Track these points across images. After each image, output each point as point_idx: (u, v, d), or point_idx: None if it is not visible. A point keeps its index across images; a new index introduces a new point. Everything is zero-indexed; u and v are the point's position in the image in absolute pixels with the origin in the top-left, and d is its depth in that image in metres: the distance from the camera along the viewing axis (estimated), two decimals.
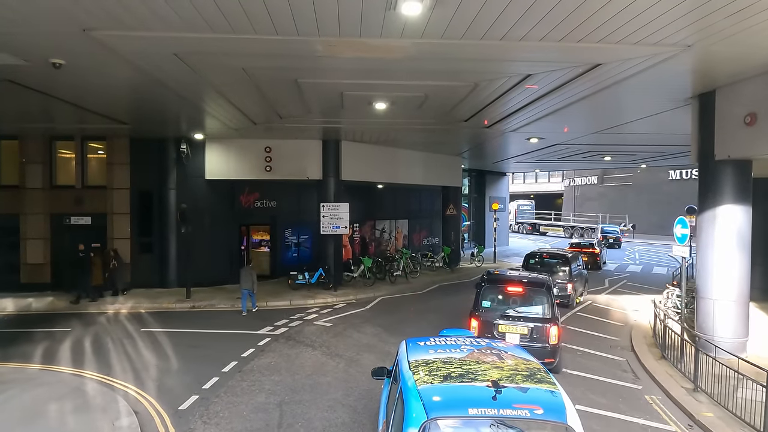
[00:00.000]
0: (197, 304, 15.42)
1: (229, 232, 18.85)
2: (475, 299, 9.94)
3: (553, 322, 9.32)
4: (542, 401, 3.92)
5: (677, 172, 46.00)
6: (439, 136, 17.51)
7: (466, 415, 3.81)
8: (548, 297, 9.65)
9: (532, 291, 9.78)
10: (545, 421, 3.81)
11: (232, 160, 17.97)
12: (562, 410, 3.86)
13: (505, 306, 9.74)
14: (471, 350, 4.96)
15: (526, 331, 9.28)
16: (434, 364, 4.57)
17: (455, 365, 4.52)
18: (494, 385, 4.03)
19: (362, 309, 15.12)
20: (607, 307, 16.30)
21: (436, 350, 4.98)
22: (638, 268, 25.97)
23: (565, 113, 13.06)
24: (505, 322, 9.44)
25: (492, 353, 4.91)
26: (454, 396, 4.00)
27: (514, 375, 4.33)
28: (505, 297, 9.84)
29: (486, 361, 4.67)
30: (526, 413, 3.77)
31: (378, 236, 25.33)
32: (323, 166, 18.30)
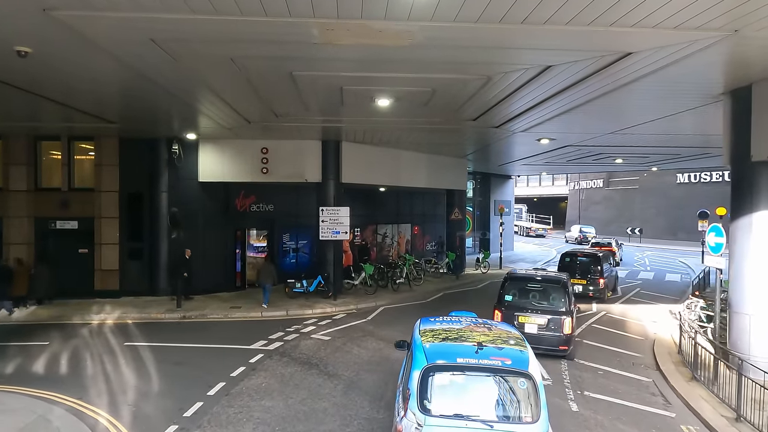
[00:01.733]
0: (188, 315, 14.49)
1: (223, 237, 17.94)
2: (499, 294, 11.46)
3: (568, 315, 10.56)
4: (512, 356, 5.41)
5: (685, 175, 45.05)
6: (445, 136, 16.61)
7: (454, 363, 5.34)
8: (564, 293, 10.97)
9: (549, 287, 11.21)
10: (512, 369, 5.27)
11: (226, 161, 17.08)
12: (525, 363, 5.36)
13: (525, 300, 11.18)
14: (468, 324, 6.56)
15: (543, 322, 10.65)
16: (438, 331, 6.20)
17: (453, 332, 6.14)
18: (478, 345, 5.55)
19: (363, 320, 14.19)
20: (623, 318, 15.34)
21: (442, 323, 6.66)
22: (650, 275, 24.99)
23: (581, 111, 12.16)
24: (524, 314, 10.80)
25: (484, 326, 6.48)
26: (448, 350, 5.57)
27: (495, 339, 5.88)
28: (525, 292, 11.30)
29: (477, 330, 6.23)
30: (499, 363, 5.28)
31: (380, 241, 24.41)
32: (323, 168, 17.40)
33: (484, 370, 5.32)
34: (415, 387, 5.24)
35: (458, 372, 5.36)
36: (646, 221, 47.91)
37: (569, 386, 9.26)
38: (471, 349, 5.49)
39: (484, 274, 23.76)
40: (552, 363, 10.54)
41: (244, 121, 13.79)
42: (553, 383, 9.39)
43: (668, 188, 46.70)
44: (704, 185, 43.87)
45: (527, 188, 71.24)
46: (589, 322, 14.53)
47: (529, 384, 5.21)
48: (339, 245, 17.65)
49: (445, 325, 6.50)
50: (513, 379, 5.29)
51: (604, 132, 15.31)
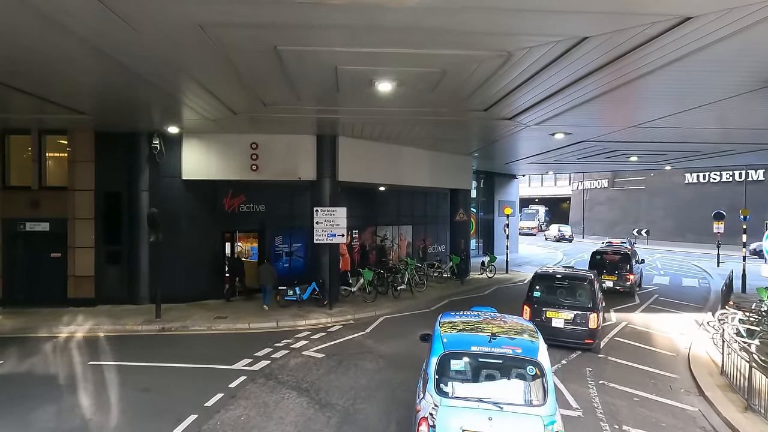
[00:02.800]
0: (167, 326, 13.07)
1: (210, 240, 16.52)
2: (528, 291, 12.16)
3: (594, 311, 11.12)
4: (523, 345, 5.85)
5: (694, 175, 43.74)
6: (451, 130, 15.20)
7: (468, 350, 5.87)
8: (590, 290, 11.56)
9: (576, 284, 11.77)
10: (522, 357, 5.71)
11: (212, 157, 15.66)
12: (535, 351, 5.79)
13: (553, 296, 11.73)
14: (485, 317, 6.90)
15: (570, 317, 11.22)
16: (456, 323, 6.61)
17: (470, 324, 6.52)
18: (492, 335, 5.99)
19: (361, 333, 12.78)
20: (647, 329, 13.94)
21: (461, 317, 6.99)
22: (665, 279, 23.61)
23: (608, 100, 10.78)
24: (552, 310, 11.43)
25: (500, 320, 6.85)
26: (463, 339, 6.06)
27: (509, 331, 6.25)
28: (554, 289, 11.86)
29: (493, 323, 6.58)
30: (510, 351, 5.77)
31: (380, 244, 23.00)
32: (318, 165, 16.00)
33: (496, 357, 5.79)
34: (432, 371, 5.76)
35: (472, 359, 5.86)
36: (653, 222, 46.57)
37: (604, 419, 7.85)
38: (485, 339, 5.96)
39: (490, 278, 22.37)
40: (579, 387, 9.16)
41: (229, 112, 12.39)
42: (584, 413, 8.00)
43: (676, 188, 45.38)
44: (714, 185, 42.54)
45: (529, 188, 69.88)
46: (611, 334, 13.13)
47: (537, 370, 5.63)
48: (335, 249, 16.25)
49: (464, 318, 6.94)
50: (523, 365, 5.70)
51: (628, 125, 13.92)
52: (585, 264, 20.99)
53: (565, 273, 12.34)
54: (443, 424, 5.34)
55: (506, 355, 5.74)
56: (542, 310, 11.46)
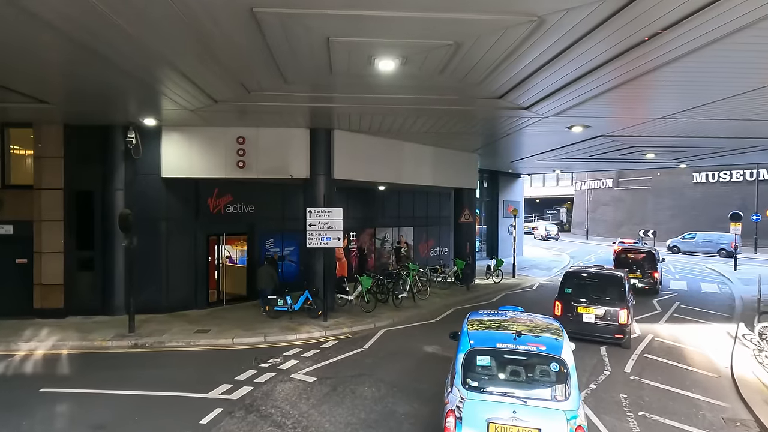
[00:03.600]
0: (141, 342, 11.61)
1: (193, 244, 15.04)
2: (560, 286, 12.58)
3: (624, 307, 11.48)
4: (547, 343, 6.02)
5: (702, 174, 42.44)
6: (459, 122, 13.76)
7: (494, 347, 6.04)
8: (620, 287, 11.93)
9: (607, 282, 12.17)
10: (545, 354, 5.88)
11: (195, 153, 14.19)
12: (559, 349, 5.93)
13: (584, 293, 12.09)
14: (512, 316, 7.18)
15: (600, 313, 11.62)
16: (483, 321, 6.88)
17: (496, 323, 6.78)
18: (517, 333, 6.17)
19: (359, 350, 11.33)
20: (677, 343, 12.52)
21: (488, 316, 7.27)
22: (682, 284, 22.21)
23: (641, 85, 9.39)
24: (583, 306, 11.83)
25: (526, 318, 7.12)
26: (489, 336, 6.25)
27: (534, 329, 6.44)
28: (585, 286, 12.25)
29: (519, 321, 6.85)
30: (534, 348, 5.93)
31: (379, 247, 21.57)
32: (311, 161, 14.55)
33: (521, 354, 5.93)
34: (459, 367, 5.97)
35: (497, 355, 6.00)
36: (660, 223, 45.20)
37: None
38: (510, 336, 6.11)
39: (497, 284, 20.94)
40: (617, 420, 7.73)
41: (209, 100, 10.95)
42: None
43: (683, 188, 44.09)
44: (723, 185, 41.24)
45: (530, 188, 68.52)
46: (638, 350, 11.72)
47: (561, 367, 5.76)
48: (330, 254, 14.80)
49: (491, 317, 7.11)
50: (546, 362, 5.83)
51: (655, 117, 12.51)
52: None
53: (596, 271, 12.85)
54: (469, 416, 5.57)
55: (531, 352, 5.93)
56: (573, 306, 11.90)
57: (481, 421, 5.49)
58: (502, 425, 5.46)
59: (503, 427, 5.45)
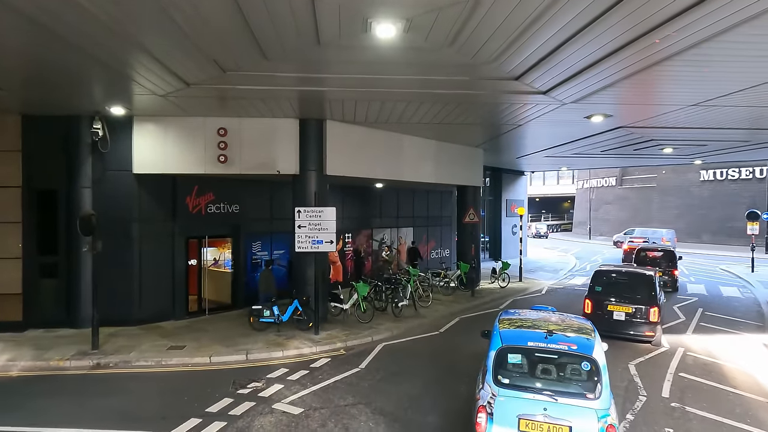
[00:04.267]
0: (105, 361, 10.13)
1: (170, 247, 13.54)
2: (590, 284, 12.52)
3: (655, 305, 11.53)
4: (578, 342, 6.06)
5: (710, 172, 41.13)
6: (466, 111, 12.29)
7: (525, 345, 6.10)
8: (651, 285, 11.91)
9: (636, 280, 12.18)
10: (577, 354, 5.90)
11: (170, 147, 12.70)
12: (590, 348, 5.96)
13: (614, 291, 12.07)
14: (543, 316, 7.25)
15: (631, 310, 11.69)
16: (515, 320, 6.94)
17: (528, 322, 6.86)
18: (548, 332, 6.24)
19: (354, 370, 9.86)
20: (713, 359, 11.09)
21: (519, 315, 7.35)
22: (700, 287, 20.82)
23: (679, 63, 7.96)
24: (613, 303, 11.85)
25: (558, 318, 7.15)
26: (520, 335, 6.33)
27: (566, 329, 6.50)
28: (615, 284, 12.22)
29: (550, 320, 6.92)
30: (565, 347, 5.96)
31: (377, 249, 20.12)
32: (301, 156, 13.09)
33: (552, 353, 5.97)
34: (491, 364, 6.07)
35: (528, 353, 6.05)
36: (666, 222, 43.84)
37: None
38: (541, 335, 6.18)
39: (503, 288, 19.50)
40: None
41: (180, 83, 9.47)
42: None
43: (690, 186, 42.76)
44: (732, 183, 39.92)
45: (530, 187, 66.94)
46: (672, 368, 10.30)
47: (592, 366, 5.80)
48: (323, 258, 13.33)
49: (522, 316, 7.22)
50: (578, 361, 5.88)
51: (684, 104, 11.08)
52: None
53: (626, 270, 12.91)
54: (500, 412, 5.62)
55: (562, 351, 5.94)
56: (604, 304, 11.90)
57: (512, 418, 5.56)
58: (533, 422, 5.50)
59: (534, 424, 5.49)
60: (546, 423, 5.45)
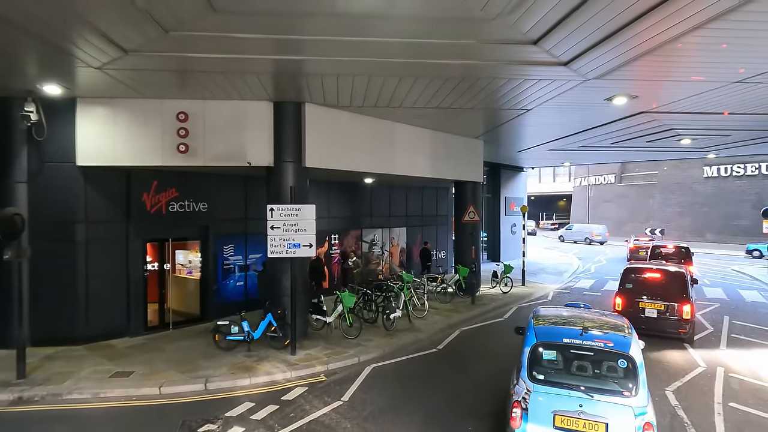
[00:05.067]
0: (30, 394, 8.24)
1: (123, 253, 11.64)
2: (620, 282, 12.46)
3: (687, 301, 11.39)
4: (614, 339, 5.96)
5: (714, 168, 39.66)
6: (470, 88, 10.47)
7: (560, 342, 6.00)
8: (683, 282, 11.81)
9: (668, 277, 12.06)
10: (613, 351, 5.81)
11: (121, 134, 10.79)
12: (627, 346, 5.84)
13: (645, 287, 11.97)
14: (578, 312, 7.13)
15: (662, 307, 11.55)
16: (549, 317, 6.85)
17: (563, 318, 6.75)
18: (584, 329, 6.13)
19: (335, 404, 8.02)
20: (763, 383, 9.37)
21: (554, 311, 7.36)
22: (717, 291, 19.19)
23: (728, 25, 6.21)
24: (645, 300, 11.74)
25: (593, 315, 7.01)
26: (555, 331, 6.24)
27: (602, 326, 6.42)
28: (645, 281, 12.14)
29: (585, 317, 6.79)
30: (601, 345, 5.87)
31: (366, 252, 18.30)
32: (276, 145, 11.24)
33: (587, 350, 5.87)
34: (525, 360, 6.00)
35: (563, 350, 5.96)
36: (668, 221, 42.42)
37: None
38: (576, 332, 6.08)
39: (505, 294, 17.74)
40: None
41: (115, 49, 7.60)
42: None
43: (693, 183, 41.31)
44: (737, 179, 38.47)
45: None
46: (717, 395, 8.57)
47: (629, 364, 5.69)
48: (302, 265, 11.48)
49: (557, 312, 7.18)
50: (614, 358, 5.78)
51: (730, 80, 9.34)
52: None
53: (657, 266, 12.60)
54: (535, 407, 5.57)
55: (597, 348, 5.84)
56: (635, 301, 11.75)
57: (546, 413, 5.51)
58: (569, 417, 5.44)
59: (569, 420, 5.44)
60: (581, 419, 5.39)
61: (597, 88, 9.86)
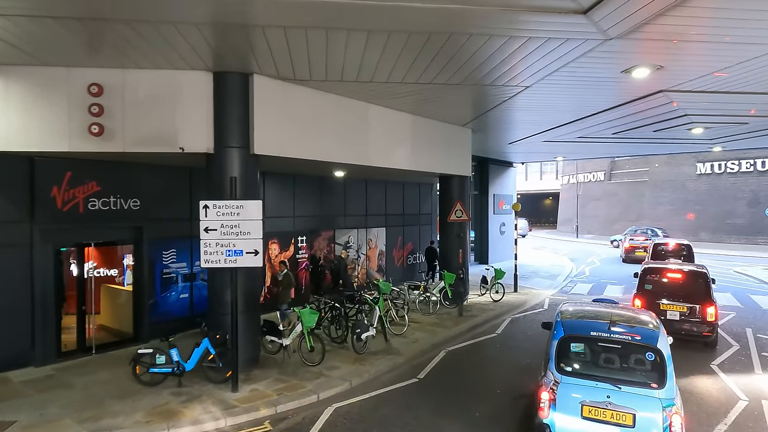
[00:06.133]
0: None
1: (27, 261, 9.31)
2: (639, 283, 11.76)
3: (711, 303, 10.75)
4: (642, 333, 6.01)
5: (707, 165, 38.29)
6: (455, 49, 8.36)
7: (587, 335, 6.07)
8: (705, 282, 11.14)
9: (689, 277, 11.36)
10: (640, 344, 5.84)
11: (15, 110, 8.46)
12: (655, 339, 5.87)
13: (666, 289, 11.32)
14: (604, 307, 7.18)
15: (685, 309, 10.89)
16: (576, 312, 6.94)
17: (590, 313, 6.86)
18: (611, 322, 6.21)
19: None
20: None
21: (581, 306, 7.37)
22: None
23: None
24: (667, 302, 11.05)
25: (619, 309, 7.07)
26: (583, 324, 6.37)
27: (630, 320, 6.46)
28: (665, 281, 11.47)
29: (613, 311, 6.83)
30: (629, 338, 5.91)
31: (339, 255, 16.14)
32: (216, 126, 9.01)
33: (615, 343, 5.91)
34: (553, 352, 6.07)
35: (591, 343, 6.03)
36: (659, 219, 40.93)
37: None
38: (604, 326, 6.14)
39: (496, 302, 15.72)
40: None
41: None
42: None
43: (686, 180, 39.91)
44: (731, 176, 37.10)
45: None
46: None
47: (656, 356, 5.70)
48: (251, 276, 9.24)
49: (584, 307, 7.23)
50: (641, 351, 5.80)
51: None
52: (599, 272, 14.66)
53: (677, 266, 12.02)
54: (563, 398, 5.62)
55: (625, 341, 5.88)
56: (656, 303, 11.14)
57: (574, 404, 5.54)
58: (596, 408, 5.46)
59: (597, 410, 5.45)
60: (609, 410, 5.40)
61: (616, 55, 7.84)
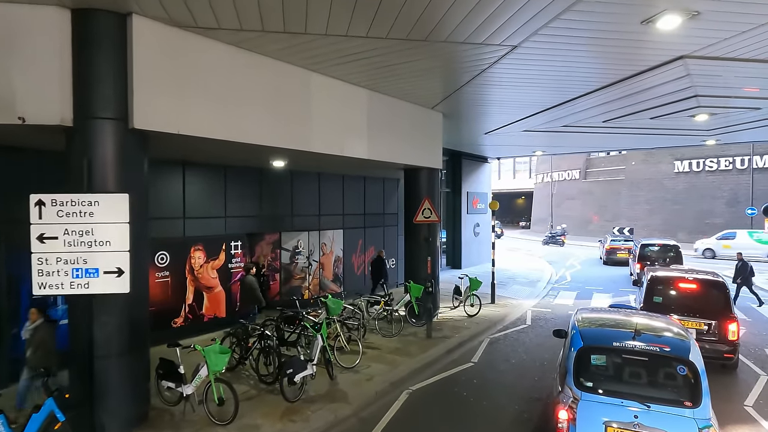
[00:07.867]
0: None
1: None
2: (645, 295, 9.94)
3: (732, 319, 9.21)
4: (671, 343, 5.39)
5: (685, 163, 37.05)
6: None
7: (610, 346, 5.44)
8: (724, 295, 9.54)
9: (706, 289, 9.77)
10: (670, 356, 5.19)
11: None
12: (686, 351, 5.23)
13: (679, 302, 9.68)
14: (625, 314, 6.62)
15: (702, 326, 9.29)
16: (594, 319, 6.44)
17: (610, 321, 6.35)
18: (636, 332, 5.56)
19: None
20: None
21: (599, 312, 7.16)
22: None
23: None
24: (681, 318, 9.27)
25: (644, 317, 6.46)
26: (604, 334, 5.83)
27: (655, 329, 5.82)
28: (678, 294, 9.85)
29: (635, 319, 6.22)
30: (656, 349, 5.25)
31: (287, 263, 13.51)
32: (76, 87, 6.25)
33: (641, 354, 5.29)
34: (571, 365, 5.42)
35: (614, 354, 5.42)
36: (637, 219, 39.62)
37: None
38: (628, 335, 5.54)
39: (471, 318, 13.33)
40: None
41: None
42: None
43: (663, 179, 38.62)
44: (710, 174, 35.91)
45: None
46: None
47: (689, 371, 5.11)
48: (137, 300, 6.51)
49: (603, 314, 6.79)
50: (672, 364, 5.21)
51: None
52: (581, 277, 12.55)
53: (690, 276, 10.08)
54: (584, 418, 5.02)
55: (653, 353, 5.27)
56: None
57: (597, 424, 4.95)
58: (623, 429, 4.84)
59: None
60: None
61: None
